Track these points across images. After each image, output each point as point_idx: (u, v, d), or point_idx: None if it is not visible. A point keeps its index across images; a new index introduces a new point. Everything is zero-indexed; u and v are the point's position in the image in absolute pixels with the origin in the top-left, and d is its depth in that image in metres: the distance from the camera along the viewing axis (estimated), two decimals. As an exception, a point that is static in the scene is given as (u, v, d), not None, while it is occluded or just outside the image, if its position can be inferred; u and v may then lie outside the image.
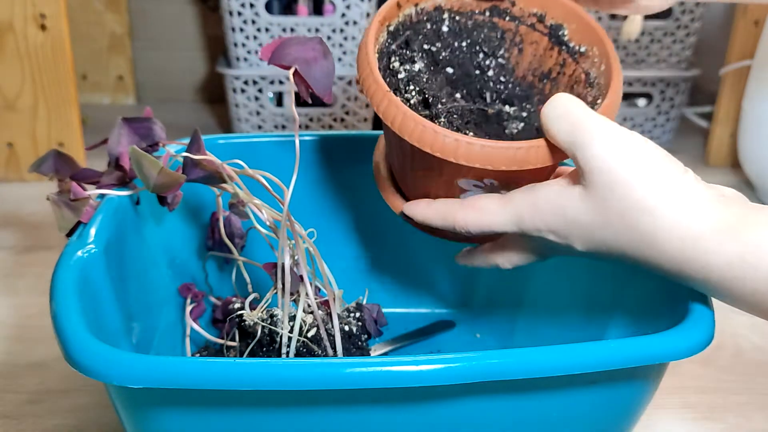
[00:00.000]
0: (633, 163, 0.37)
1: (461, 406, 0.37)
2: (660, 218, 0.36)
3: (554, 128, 0.39)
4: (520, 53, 0.50)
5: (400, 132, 0.42)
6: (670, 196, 0.36)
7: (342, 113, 1.12)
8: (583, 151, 0.38)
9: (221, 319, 0.58)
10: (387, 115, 0.42)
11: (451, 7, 0.50)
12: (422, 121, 0.41)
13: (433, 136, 0.41)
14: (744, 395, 0.59)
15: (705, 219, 0.36)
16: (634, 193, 0.36)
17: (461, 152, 0.40)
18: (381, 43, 0.47)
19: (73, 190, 0.46)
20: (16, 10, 0.88)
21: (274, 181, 0.47)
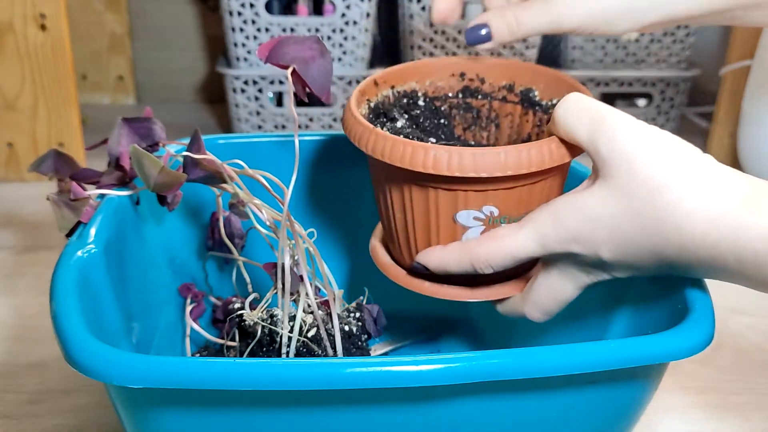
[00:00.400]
0: (654, 148, 0.37)
1: (461, 406, 0.37)
2: (685, 194, 0.35)
3: (573, 123, 0.39)
4: (497, 129, 0.52)
5: (391, 158, 0.41)
6: (693, 174, 0.36)
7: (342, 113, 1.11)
8: (605, 141, 0.38)
9: (221, 320, 0.58)
10: (376, 147, 0.42)
11: (425, 91, 0.53)
12: (410, 142, 0.41)
13: (424, 152, 0.40)
14: (744, 395, 0.59)
15: (731, 191, 0.35)
16: (657, 174, 0.36)
17: (454, 163, 0.40)
18: (363, 114, 0.48)
19: (73, 190, 0.46)
20: (16, 10, 0.88)
21: (274, 181, 0.47)
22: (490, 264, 0.42)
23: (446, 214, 0.43)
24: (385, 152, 0.42)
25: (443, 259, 0.44)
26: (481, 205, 0.42)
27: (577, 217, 0.38)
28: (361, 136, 0.43)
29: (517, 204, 0.43)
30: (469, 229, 0.43)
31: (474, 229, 0.43)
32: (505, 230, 0.41)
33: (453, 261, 0.43)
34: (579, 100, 0.40)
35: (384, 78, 0.51)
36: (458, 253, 0.43)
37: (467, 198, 0.42)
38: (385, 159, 0.42)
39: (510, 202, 0.42)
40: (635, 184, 0.36)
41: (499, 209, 0.43)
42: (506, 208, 0.42)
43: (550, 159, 0.40)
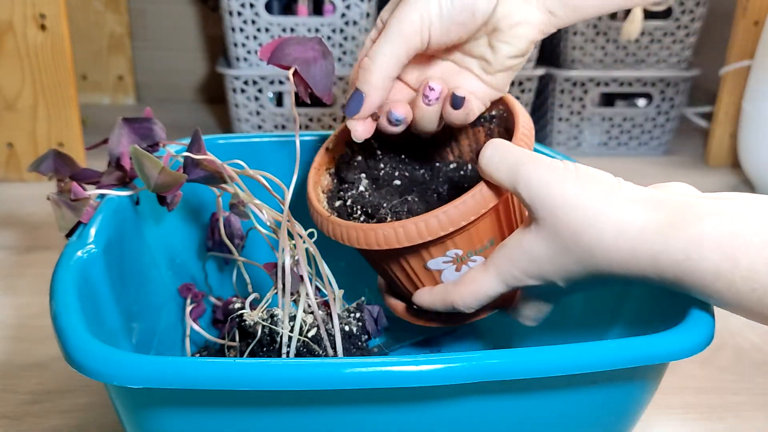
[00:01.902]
0: (569, 188, 0.39)
1: (461, 406, 0.37)
2: (603, 229, 0.38)
3: (495, 172, 0.42)
4: (458, 143, 0.54)
5: (350, 242, 0.46)
6: (609, 206, 0.38)
7: (342, 113, 1.12)
8: (524, 188, 0.40)
9: (222, 320, 0.58)
10: (335, 233, 0.46)
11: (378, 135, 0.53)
12: (361, 227, 0.45)
13: (374, 233, 0.44)
14: (744, 395, 0.59)
15: (646, 218, 0.37)
16: (575, 214, 0.38)
17: (401, 236, 0.44)
18: (327, 185, 0.52)
19: (74, 190, 0.46)
20: (16, 10, 0.88)
21: (275, 182, 0.47)
22: (466, 306, 0.45)
23: (418, 265, 0.47)
24: (343, 237, 0.46)
25: (431, 302, 0.47)
26: (444, 252, 0.46)
27: (525, 258, 0.41)
28: (321, 223, 0.48)
29: (476, 239, 0.46)
30: (443, 270, 0.47)
31: (448, 270, 0.47)
32: (473, 274, 0.44)
33: (439, 305, 0.47)
34: (497, 149, 0.42)
35: (332, 141, 0.53)
36: (441, 297, 0.46)
37: (430, 251, 0.46)
38: (345, 242, 0.46)
39: (469, 241, 0.45)
40: (559, 227, 0.39)
41: (463, 249, 0.46)
42: (467, 246, 0.46)
43: (485, 203, 0.43)
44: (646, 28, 1.10)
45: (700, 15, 1.11)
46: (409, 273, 0.48)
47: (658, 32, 1.12)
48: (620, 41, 1.13)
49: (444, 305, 0.46)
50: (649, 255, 0.37)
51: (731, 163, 1.13)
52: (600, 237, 0.38)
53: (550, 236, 0.40)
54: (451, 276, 0.47)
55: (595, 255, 0.38)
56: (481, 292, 0.44)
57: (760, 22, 1.05)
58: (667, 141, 1.20)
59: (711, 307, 0.40)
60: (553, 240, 0.40)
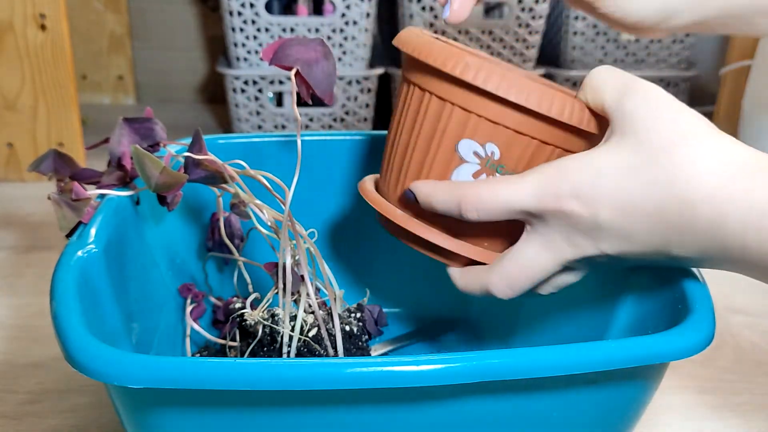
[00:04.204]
0: (678, 112, 0.36)
1: (461, 406, 0.37)
2: (703, 148, 0.35)
3: (602, 86, 0.39)
4: None
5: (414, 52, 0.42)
6: (713, 135, 0.36)
7: (342, 113, 1.12)
8: (632, 97, 0.37)
9: (222, 320, 0.58)
10: (416, 47, 0.43)
11: None
12: (446, 47, 0.41)
13: (457, 56, 0.41)
14: (744, 395, 0.59)
15: (748, 155, 0.35)
16: (679, 126, 0.36)
17: (481, 75, 0.40)
18: None
19: (75, 190, 0.46)
20: (16, 10, 0.88)
21: (275, 182, 0.47)
22: (477, 208, 0.39)
23: (451, 137, 0.43)
24: (423, 52, 0.42)
25: (433, 192, 0.42)
26: (486, 140, 0.42)
27: (585, 170, 0.37)
28: (407, 39, 0.44)
29: (520, 155, 0.42)
30: (464, 163, 0.43)
31: (468, 166, 0.43)
32: (504, 177, 0.40)
33: (441, 197, 0.41)
34: (610, 68, 0.40)
35: None
36: (450, 189, 0.41)
37: (477, 126, 0.42)
38: (421, 58, 0.42)
39: (514, 150, 0.42)
40: (654, 139, 0.36)
41: (501, 153, 0.42)
42: (508, 154, 0.42)
43: (569, 115, 0.40)
44: (646, 28, 1.10)
45: (700, 15, 1.11)
46: (433, 141, 0.43)
47: (658, 32, 1.12)
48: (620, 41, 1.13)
49: (447, 201, 0.41)
50: (745, 187, 0.34)
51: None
52: (698, 154, 0.35)
53: (637, 144, 0.36)
54: (465, 177, 0.43)
55: (679, 176, 0.35)
56: (504, 197, 0.39)
57: (760, 22, 1.05)
58: (667, 141, 1.21)
59: (711, 307, 0.40)
60: (636, 150, 0.36)
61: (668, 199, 0.35)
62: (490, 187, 0.39)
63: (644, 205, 0.36)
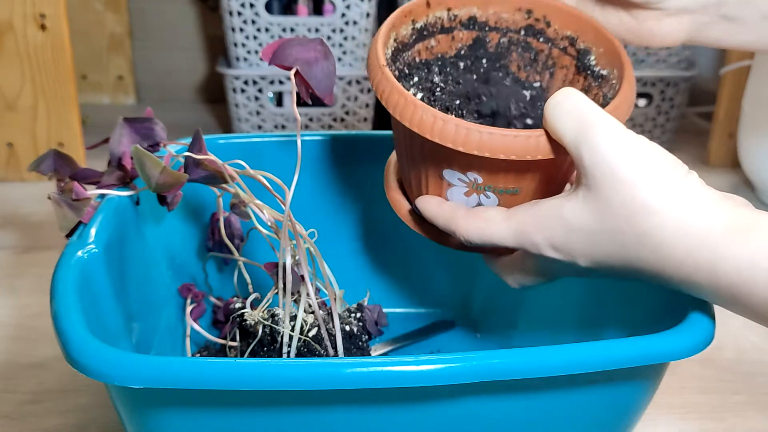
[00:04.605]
0: (639, 164, 0.36)
1: (461, 406, 0.37)
2: (665, 219, 0.35)
3: (560, 124, 0.38)
4: (551, 77, 0.50)
5: (385, 103, 0.42)
6: (676, 198, 0.35)
7: (342, 113, 1.12)
8: (588, 149, 0.36)
9: (222, 320, 0.58)
10: (377, 85, 0.42)
11: (486, 20, 0.49)
12: (404, 96, 0.41)
13: (412, 109, 0.40)
14: (744, 395, 0.59)
15: (712, 220, 0.35)
16: (639, 194, 0.35)
17: (437, 128, 0.40)
18: (404, 35, 0.47)
19: (75, 190, 0.46)
20: (16, 10, 0.88)
21: (275, 182, 0.47)
22: (468, 240, 0.42)
23: (434, 167, 0.43)
24: (383, 94, 0.42)
25: (435, 214, 0.44)
26: (466, 171, 0.42)
27: (558, 226, 0.38)
28: (371, 68, 0.44)
29: (503, 178, 0.42)
30: (454, 186, 0.43)
31: (458, 188, 0.43)
32: (491, 214, 0.41)
33: (441, 221, 0.44)
34: (569, 99, 0.38)
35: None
36: (447, 216, 0.43)
37: (452, 160, 0.42)
38: (380, 98, 0.42)
39: (495, 174, 0.42)
40: (617, 203, 0.36)
41: (483, 178, 0.42)
42: (490, 178, 0.42)
43: (535, 151, 0.39)
44: (646, 28, 1.10)
45: (700, 15, 1.11)
46: (421, 170, 0.45)
47: (658, 32, 1.12)
48: (620, 41, 1.12)
49: (444, 224, 0.44)
50: (708, 259, 0.34)
51: (731, 163, 1.13)
52: (661, 226, 0.35)
53: (601, 210, 0.36)
54: (457, 196, 0.44)
55: (645, 245, 0.36)
56: (489, 235, 0.41)
57: (760, 22, 1.05)
58: (667, 141, 1.20)
59: (711, 307, 0.40)
60: (603, 215, 0.36)
61: (638, 262, 0.37)
62: (479, 225, 0.41)
63: (617, 263, 0.37)
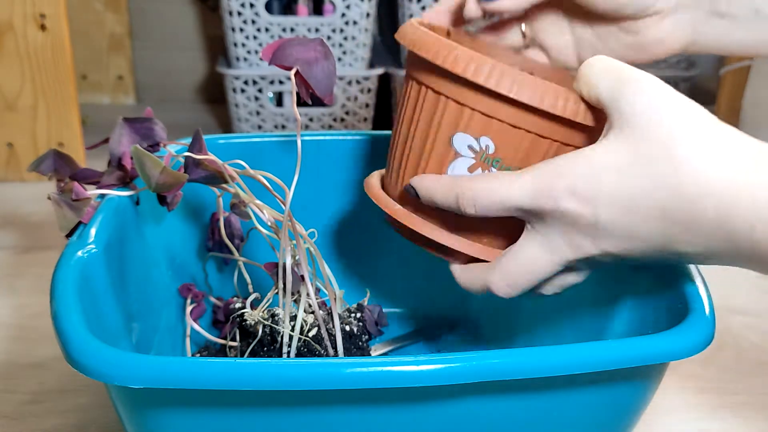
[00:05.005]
0: (677, 107, 0.35)
1: (461, 406, 0.37)
2: (705, 151, 0.33)
3: (598, 77, 0.37)
4: None
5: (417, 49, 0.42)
6: (714, 135, 0.34)
7: (342, 113, 1.12)
8: (630, 95, 0.36)
9: (222, 321, 0.58)
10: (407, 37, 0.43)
11: None
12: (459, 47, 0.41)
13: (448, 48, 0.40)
14: (744, 395, 0.59)
15: (749, 148, 0.34)
16: (678, 128, 0.34)
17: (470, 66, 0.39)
18: None
19: (75, 190, 0.46)
20: (16, 10, 0.88)
21: (275, 182, 0.47)
22: (474, 204, 0.39)
23: (445, 131, 0.42)
24: (416, 44, 0.42)
25: (433, 186, 0.42)
26: (480, 134, 0.41)
27: (582, 167, 0.36)
28: (405, 32, 0.44)
29: (515, 149, 0.41)
30: (459, 158, 0.42)
31: (464, 160, 0.42)
32: (501, 173, 0.39)
33: (441, 191, 0.41)
34: (606, 59, 0.38)
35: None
36: (449, 184, 0.41)
37: (471, 119, 0.41)
38: (415, 49, 0.42)
39: (508, 144, 0.41)
40: (654, 133, 0.34)
41: (496, 147, 0.41)
42: (503, 148, 0.41)
43: (563, 108, 0.39)
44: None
45: (700, 15, 1.11)
46: (429, 134, 0.43)
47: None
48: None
49: (446, 195, 0.41)
50: (745, 187, 0.32)
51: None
52: (699, 149, 0.33)
53: (636, 141, 0.35)
54: (460, 170, 0.42)
55: (683, 173, 0.34)
56: (500, 193, 0.38)
57: (760, 22, 1.05)
58: (667, 141, 1.21)
59: (711, 307, 0.40)
60: (637, 146, 0.35)
61: (672, 196, 0.34)
62: (487, 184, 0.39)
63: (647, 203, 0.35)
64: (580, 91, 0.39)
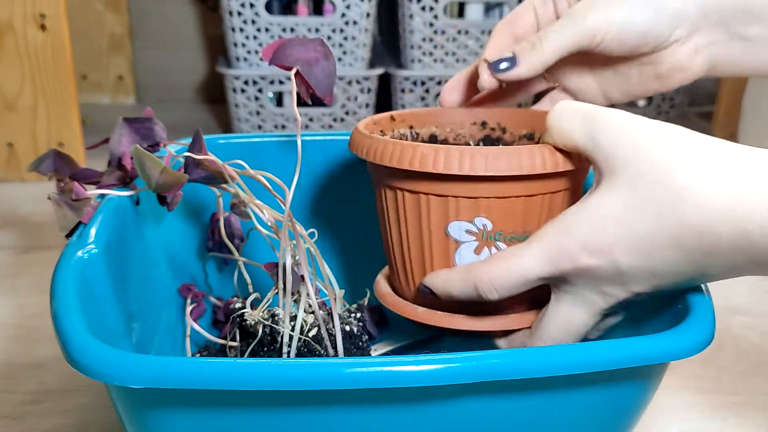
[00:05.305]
0: (656, 135, 0.34)
1: (461, 406, 0.37)
2: (702, 176, 0.33)
3: (567, 128, 0.37)
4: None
5: (381, 159, 0.42)
6: (706, 155, 0.33)
7: (342, 113, 1.12)
8: (605, 135, 0.35)
9: (222, 320, 0.58)
10: (369, 151, 0.43)
11: (445, 137, 0.52)
12: (400, 142, 0.41)
13: (412, 150, 0.40)
14: (744, 395, 0.59)
15: (750, 169, 0.33)
16: (666, 159, 0.34)
17: (440, 160, 0.39)
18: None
19: (75, 190, 0.46)
20: (16, 9, 0.88)
21: (275, 182, 0.47)
22: (494, 287, 0.38)
23: (438, 225, 0.42)
24: (377, 154, 0.42)
25: (447, 282, 0.41)
26: (473, 216, 0.41)
27: (586, 222, 0.36)
28: (359, 143, 0.45)
29: (511, 217, 0.41)
30: (462, 244, 0.42)
31: (467, 245, 0.42)
32: (511, 249, 0.39)
33: (457, 285, 0.40)
34: (568, 105, 0.38)
35: (402, 117, 0.51)
36: (462, 274, 0.40)
37: (458, 207, 0.41)
38: (377, 161, 0.42)
39: (503, 215, 0.41)
40: (644, 171, 0.34)
41: (493, 223, 0.41)
42: (500, 221, 0.41)
43: (542, 166, 0.39)
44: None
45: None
46: (422, 231, 0.43)
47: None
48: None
49: (463, 287, 0.40)
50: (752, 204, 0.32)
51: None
52: (695, 176, 0.33)
53: (627, 186, 0.34)
54: (467, 256, 0.42)
55: (686, 205, 0.33)
56: (518, 271, 0.37)
57: (760, 22, 1.05)
58: (667, 141, 1.21)
59: (711, 307, 0.40)
60: (631, 190, 0.34)
61: (682, 229, 0.34)
62: (500, 265, 0.38)
63: (659, 241, 0.34)
64: (554, 143, 0.39)
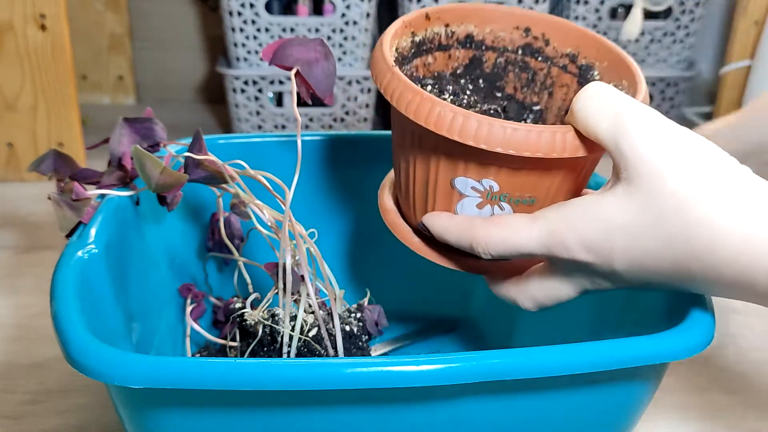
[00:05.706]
0: (684, 157, 0.33)
1: (461, 406, 0.37)
2: (717, 214, 0.32)
3: (593, 118, 0.35)
4: (550, 97, 0.48)
5: (398, 105, 0.39)
6: (727, 191, 0.33)
7: (342, 113, 1.12)
8: (628, 141, 0.34)
9: (222, 320, 0.58)
10: (388, 88, 0.40)
11: (483, 39, 0.48)
12: (420, 92, 0.38)
13: (429, 106, 0.38)
14: (744, 395, 0.59)
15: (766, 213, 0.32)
16: (687, 188, 0.33)
17: (456, 125, 0.37)
18: (404, 47, 0.45)
19: (75, 190, 0.46)
20: (16, 10, 0.88)
21: (275, 182, 0.47)
22: (489, 251, 0.39)
23: (445, 176, 0.41)
24: (394, 95, 0.39)
25: (446, 228, 0.41)
26: (481, 178, 0.40)
27: (594, 224, 0.35)
28: (378, 72, 0.41)
29: (519, 186, 0.40)
30: (465, 197, 0.41)
31: (471, 199, 0.41)
32: (513, 219, 0.38)
33: (454, 234, 0.41)
34: (600, 93, 0.36)
35: (438, 13, 0.46)
36: (462, 228, 0.40)
37: (467, 167, 0.40)
38: (393, 103, 0.40)
39: (512, 182, 0.40)
40: (662, 195, 0.33)
41: (500, 186, 0.40)
42: (507, 186, 0.40)
43: (561, 149, 0.37)
44: (646, 28, 1.10)
45: (699, 15, 1.11)
46: (430, 180, 0.42)
47: (658, 32, 1.12)
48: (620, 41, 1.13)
49: (458, 237, 0.40)
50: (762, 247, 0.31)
51: (731, 163, 1.13)
52: (714, 213, 0.32)
53: (643, 201, 0.33)
54: (469, 209, 0.41)
55: (697, 236, 0.32)
56: (514, 242, 0.38)
57: (760, 21, 1.05)
58: (667, 141, 1.21)
59: (711, 307, 0.40)
60: (647, 206, 0.33)
61: (688, 258, 0.33)
62: (501, 232, 0.38)
63: (662, 263, 0.34)
64: (576, 126, 0.37)
